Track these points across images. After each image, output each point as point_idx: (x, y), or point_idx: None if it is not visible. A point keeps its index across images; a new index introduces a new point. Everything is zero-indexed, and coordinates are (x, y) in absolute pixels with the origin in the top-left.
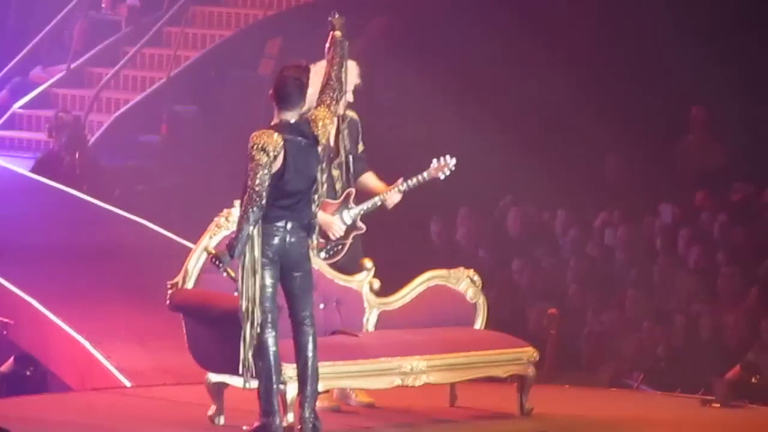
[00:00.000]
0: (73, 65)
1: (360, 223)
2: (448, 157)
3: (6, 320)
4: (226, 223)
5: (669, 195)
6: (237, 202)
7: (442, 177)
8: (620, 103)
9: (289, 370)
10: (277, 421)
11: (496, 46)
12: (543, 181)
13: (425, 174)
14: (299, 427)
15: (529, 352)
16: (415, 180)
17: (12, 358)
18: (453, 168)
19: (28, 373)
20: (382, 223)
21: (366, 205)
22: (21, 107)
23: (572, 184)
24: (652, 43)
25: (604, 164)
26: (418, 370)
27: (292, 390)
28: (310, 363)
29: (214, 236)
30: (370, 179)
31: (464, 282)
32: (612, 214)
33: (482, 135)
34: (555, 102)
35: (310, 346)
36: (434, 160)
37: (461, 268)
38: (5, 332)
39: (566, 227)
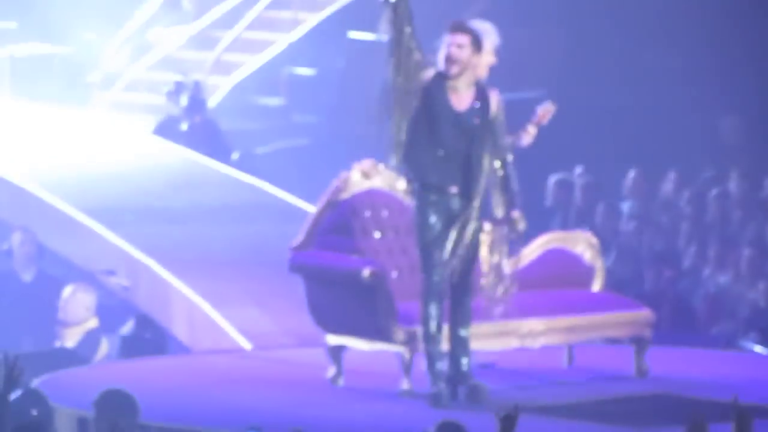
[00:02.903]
0: (192, 28)
1: None
2: (549, 102)
3: (125, 282)
4: (344, 186)
5: None
6: (356, 165)
7: (545, 122)
8: (736, 64)
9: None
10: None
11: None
12: (658, 142)
13: (534, 120)
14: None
15: (646, 314)
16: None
17: (132, 320)
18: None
19: (147, 335)
20: None
21: None
22: (140, 70)
23: (687, 146)
24: None
25: (720, 126)
26: (536, 332)
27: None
28: None
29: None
30: None
31: (582, 244)
32: (728, 175)
33: (597, 97)
34: (669, 66)
35: None
36: (537, 108)
37: (578, 231)
38: (125, 294)
39: (680, 188)
